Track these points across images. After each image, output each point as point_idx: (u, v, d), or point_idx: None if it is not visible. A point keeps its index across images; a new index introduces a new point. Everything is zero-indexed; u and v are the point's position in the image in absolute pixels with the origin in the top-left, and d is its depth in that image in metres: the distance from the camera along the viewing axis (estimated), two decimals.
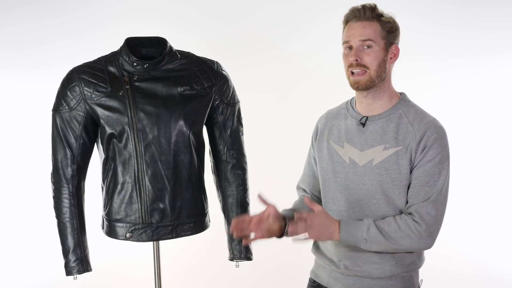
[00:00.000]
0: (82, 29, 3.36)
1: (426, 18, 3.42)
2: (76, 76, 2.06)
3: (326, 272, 1.87)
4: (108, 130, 2.05)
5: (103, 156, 2.11)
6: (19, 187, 3.43)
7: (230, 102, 2.18)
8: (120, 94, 2.04)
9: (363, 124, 1.78)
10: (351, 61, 1.71)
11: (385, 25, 1.72)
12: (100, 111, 2.04)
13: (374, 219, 1.70)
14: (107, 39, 2.97)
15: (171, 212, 2.09)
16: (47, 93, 2.64)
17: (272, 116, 3.46)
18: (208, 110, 2.14)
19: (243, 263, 2.27)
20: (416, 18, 3.38)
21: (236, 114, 2.20)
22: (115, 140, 2.06)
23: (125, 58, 2.07)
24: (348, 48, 1.74)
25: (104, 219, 2.14)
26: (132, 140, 2.04)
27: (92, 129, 2.09)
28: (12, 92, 3.40)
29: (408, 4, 3.39)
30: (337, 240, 1.70)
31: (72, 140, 2.07)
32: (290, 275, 3.25)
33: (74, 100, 2.05)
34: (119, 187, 2.08)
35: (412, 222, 1.67)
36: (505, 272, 3.47)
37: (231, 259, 2.25)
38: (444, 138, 1.72)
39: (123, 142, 2.05)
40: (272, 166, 3.41)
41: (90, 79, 2.05)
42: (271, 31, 3.44)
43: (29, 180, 3.40)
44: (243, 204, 2.22)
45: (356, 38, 1.71)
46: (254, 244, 2.27)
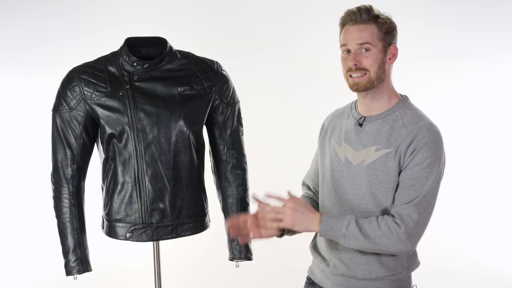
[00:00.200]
0: (82, 29, 3.36)
1: (426, 18, 3.42)
2: (76, 76, 2.06)
3: (319, 269, 1.89)
4: (108, 130, 2.05)
5: (103, 156, 2.11)
6: (19, 187, 3.43)
7: (230, 102, 2.18)
8: (120, 94, 2.04)
9: (361, 124, 1.78)
10: (350, 65, 1.71)
11: (382, 26, 1.70)
12: (100, 111, 2.04)
13: (359, 217, 1.68)
14: (107, 39, 2.97)
15: (171, 212, 2.09)
16: (47, 93, 2.64)
17: (272, 115, 3.46)
18: (208, 110, 2.14)
19: (243, 263, 2.27)
20: (416, 18, 3.38)
21: (236, 114, 2.20)
22: (115, 140, 2.06)
23: (125, 58, 2.07)
24: (346, 52, 1.73)
25: (104, 219, 2.14)
26: (132, 140, 2.04)
27: (92, 129, 2.09)
28: (12, 92, 3.39)
29: (408, 4, 3.39)
30: (317, 232, 1.70)
31: (72, 140, 2.07)
32: (290, 275, 3.24)
33: (74, 100, 2.05)
34: (119, 187, 2.08)
35: (392, 223, 1.63)
36: (505, 272, 3.47)
37: (231, 259, 2.25)
38: (436, 143, 1.67)
39: (123, 142, 2.05)
40: (272, 166, 3.41)
41: (90, 79, 2.05)
42: (271, 31, 3.44)
43: (29, 180, 3.40)
44: (243, 204, 2.22)
45: (354, 42, 1.70)
46: (255, 244, 2.28)
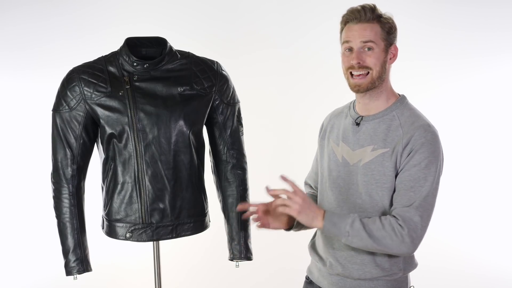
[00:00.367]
0: (82, 29, 3.36)
1: (427, 18, 3.42)
2: (76, 76, 2.06)
3: (316, 269, 1.90)
4: (108, 130, 2.05)
5: (103, 156, 2.10)
6: (19, 187, 3.43)
7: (230, 102, 2.18)
8: (120, 94, 2.04)
9: (358, 124, 1.78)
10: (353, 63, 1.69)
11: (384, 26, 1.70)
12: (100, 111, 2.04)
13: (360, 217, 1.68)
14: (107, 39, 2.97)
15: (171, 212, 2.09)
16: (47, 93, 2.64)
17: (272, 115, 3.46)
18: (208, 110, 2.14)
19: (243, 263, 2.27)
20: (416, 18, 3.38)
21: (236, 114, 2.20)
22: (115, 140, 2.06)
23: (125, 58, 2.07)
24: (348, 50, 1.72)
25: (104, 219, 2.14)
26: (132, 140, 2.04)
27: (92, 129, 2.09)
28: (12, 92, 3.39)
29: (408, 4, 3.39)
30: (319, 228, 1.68)
31: (72, 140, 2.07)
32: (290, 276, 3.24)
33: (74, 100, 2.05)
34: (119, 187, 2.08)
35: (396, 225, 1.63)
36: (505, 272, 3.47)
37: (231, 259, 2.25)
38: (434, 143, 1.66)
39: (123, 142, 2.05)
40: (272, 166, 3.41)
41: (90, 79, 2.05)
42: (271, 31, 3.44)
43: (29, 180, 3.40)
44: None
45: (357, 40, 1.69)
46: (255, 244, 2.28)
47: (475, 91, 3.48)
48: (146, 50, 2.15)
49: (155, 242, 2.22)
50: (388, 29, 1.71)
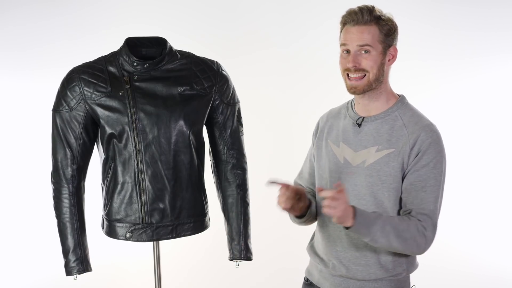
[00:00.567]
0: (82, 29, 3.36)
1: (426, 18, 3.42)
2: (76, 76, 2.06)
3: (317, 270, 1.88)
4: (108, 130, 2.05)
5: (103, 156, 2.11)
6: (19, 187, 3.43)
7: (230, 102, 2.18)
8: (120, 94, 2.04)
9: (359, 125, 1.77)
10: (349, 66, 1.69)
11: (383, 28, 1.68)
12: (100, 111, 2.04)
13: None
14: (107, 39, 2.97)
15: (171, 212, 2.09)
16: (47, 93, 2.64)
17: (272, 115, 3.46)
18: (208, 110, 2.14)
19: (243, 263, 2.27)
20: (416, 18, 3.38)
21: (236, 114, 2.20)
22: (115, 140, 2.06)
23: (125, 58, 2.07)
24: (345, 52, 1.72)
25: (104, 219, 2.14)
26: (132, 140, 2.04)
27: (92, 129, 2.09)
28: (12, 92, 3.39)
29: (408, 4, 3.39)
30: (344, 227, 1.61)
31: (72, 140, 2.07)
32: (290, 276, 3.24)
33: (74, 100, 2.05)
34: (119, 187, 2.08)
35: (420, 226, 1.65)
36: (505, 272, 3.47)
37: (231, 259, 2.25)
38: (439, 143, 1.69)
39: (123, 142, 2.05)
40: (272, 166, 3.41)
41: (90, 79, 2.05)
42: (271, 30, 3.44)
43: (29, 180, 3.40)
44: (243, 204, 2.22)
45: (354, 43, 1.69)
46: (255, 245, 2.28)
47: (475, 91, 3.48)
48: (146, 50, 2.15)
49: (155, 242, 2.22)
50: (386, 31, 1.69)
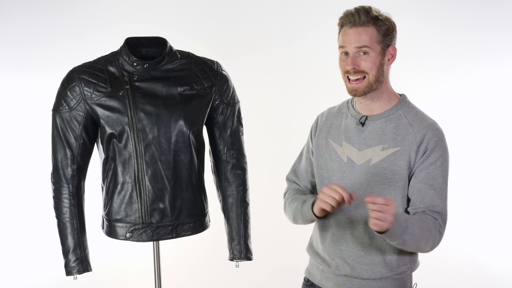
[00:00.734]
0: (82, 29, 3.36)
1: (427, 18, 3.42)
2: (76, 76, 2.06)
3: (318, 271, 1.88)
4: (108, 130, 2.05)
5: (103, 156, 2.11)
6: (19, 187, 3.43)
7: (230, 102, 2.18)
8: (120, 94, 2.04)
9: (363, 124, 1.77)
10: (349, 69, 1.69)
11: (381, 28, 1.68)
12: (100, 111, 2.04)
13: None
14: (107, 39, 2.97)
15: (171, 212, 2.09)
16: (47, 93, 2.64)
17: (272, 115, 3.46)
18: (208, 110, 2.14)
19: (243, 263, 2.27)
20: (416, 18, 3.38)
21: (236, 114, 2.20)
22: (115, 140, 2.06)
23: (125, 58, 2.07)
24: (344, 54, 1.72)
25: (104, 219, 2.14)
26: (132, 140, 2.04)
27: (92, 129, 2.09)
28: (12, 92, 3.39)
29: (408, 4, 3.39)
30: (382, 231, 1.57)
31: (72, 140, 2.07)
32: (290, 276, 3.24)
33: (74, 100, 2.05)
34: (119, 187, 2.08)
35: (437, 224, 1.68)
36: (505, 272, 3.47)
37: (231, 259, 2.25)
38: (444, 141, 1.73)
39: (123, 142, 2.05)
40: (272, 166, 3.41)
41: (90, 79, 2.05)
42: (271, 30, 3.44)
43: (29, 180, 3.40)
44: (243, 204, 2.22)
45: (352, 45, 1.68)
46: (255, 244, 2.28)
47: (474, 91, 3.48)
48: (146, 50, 2.15)
49: (155, 242, 2.22)
50: (384, 31, 1.69)
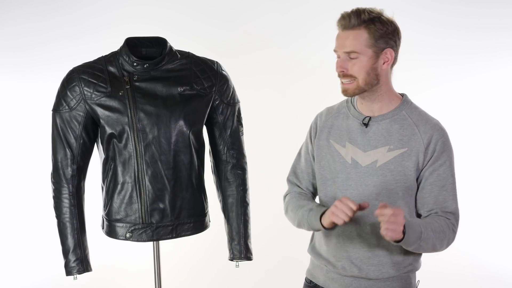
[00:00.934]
0: (82, 29, 3.36)
1: (427, 18, 3.42)
2: (76, 76, 2.06)
3: (322, 272, 1.86)
4: (108, 130, 2.05)
5: (103, 156, 2.11)
6: (19, 187, 3.43)
7: (230, 102, 2.18)
8: (120, 94, 2.04)
9: (366, 125, 1.76)
10: (337, 72, 1.71)
11: (373, 31, 1.65)
12: (100, 111, 2.04)
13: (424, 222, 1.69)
14: (107, 39, 2.97)
15: (171, 212, 2.09)
16: (47, 93, 2.64)
17: (272, 115, 3.46)
18: (208, 110, 2.14)
19: (243, 263, 2.27)
20: (416, 18, 3.38)
21: (236, 114, 2.20)
22: (115, 140, 2.06)
23: (125, 58, 2.07)
24: (338, 56, 1.72)
25: (104, 219, 2.14)
26: (132, 140, 2.04)
27: (92, 129, 2.09)
28: (12, 92, 3.39)
29: (408, 4, 3.39)
30: (394, 242, 1.60)
31: (72, 140, 2.07)
32: (290, 276, 3.24)
33: (74, 100, 2.05)
34: (119, 187, 2.08)
35: (451, 225, 1.71)
36: (505, 272, 3.47)
37: (231, 259, 2.25)
38: (449, 140, 1.75)
39: (123, 142, 2.05)
40: (272, 166, 3.41)
41: (90, 79, 2.05)
42: (271, 30, 3.43)
43: (29, 180, 3.40)
44: (243, 204, 2.22)
45: (341, 49, 1.69)
46: (254, 244, 2.28)
47: (474, 91, 3.48)
48: (146, 50, 2.15)
49: (155, 242, 2.22)
50: (378, 34, 1.65)
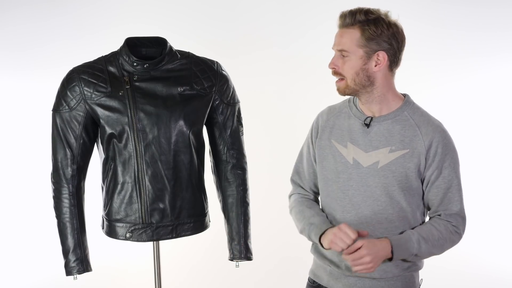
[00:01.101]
0: (82, 29, 3.36)
1: (427, 18, 3.42)
2: (76, 76, 2.06)
3: (326, 272, 1.86)
4: (108, 130, 2.05)
5: (103, 156, 2.11)
6: (19, 187, 3.43)
7: (230, 102, 2.18)
8: (120, 94, 2.04)
9: (368, 125, 1.75)
10: (329, 68, 1.74)
11: (366, 32, 1.65)
12: (100, 111, 2.04)
13: (416, 230, 1.72)
14: (107, 39, 2.97)
15: (171, 212, 2.09)
16: (47, 93, 2.64)
17: (271, 115, 3.46)
18: (208, 110, 2.14)
19: (243, 263, 2.27)
20: (416, 18, 3.38)
21: (236, 114, 2.20)
22: (115, 140, 2.06)
23: (125, 58, 2.07)
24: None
25: (104, 219, 2.14)
26: (132, 140, 2.04)
27: (92, 129, 2.09)
28: (12, 92, 3.39)
29: (408, 4, 3.39)
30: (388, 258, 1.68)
31: (72, 140, 2.07)
32: (290, 275, 3.25)
33: (74, 100, 2.05)
34: (119, 187, 2.08)
35: (451, 227, 1.73)
36: (505, 272, 3.47)
37: (231, 259, 2.24)
38: (452, 142, 1.74)
39: (123, 142, 2.05)
40: (272, 166, 3.41)
41: (90, 79, 2.05)
42: (271, 30, 3.43)
43: (29, 180, 3.40)
44: (243, 204, 2.22)
45: (335, 47, 1.72)
46: (254, 244, 2.28)
47: (474, 91, 3.48)
48: (146, 50, 2.15)
49: (155, 242, 2.22)
50: (370, 35, 1.65)
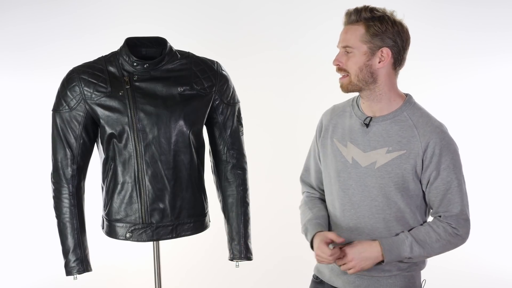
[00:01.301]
0: (82, 29, 3.36)
1: (427, 18, 3.42)
2: (76, 76, 2.06)
3: (328, 268, 1.88)
4: (108, 130, 2.05)
5: (103, 156, 2.11)
6: (19, 187, 3.43)
7: (230, 102, 2.18)
8: (120, 94, 2.04)
9: (367, 125, 1.76)
10: (334, 65, 1.75)
11: (371, 28, 1.67)
12: (100, 111, 2.04)
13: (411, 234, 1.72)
14: (107, 39, 2.97)
15: (171, 212, 2.09)
16: (47, 93, 2.64)
17: (272, 115, 3.46)
18: (208, 110, 2.14)
19: (243, 263, 2.26)
20: (416, 18, 3.37)
21: (236, 114, 2.20)
22: (115, 140, 2.06)
23: (125, 58, 2.07)
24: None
25: (104, 219, 2.14)
26: (132, 140, 2.04)
27: (92, 129, 2.09)
28: (12, 92, 3.39)
29: (408, 4, 3.39)
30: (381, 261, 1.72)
31: (72, 140, 2.07)
32: (290, 275, 3.25)
33: (74, 100, 2.05)
34: (119, 187, 2.08)
35: (450, 228, 1.72)
36: (505, 272, 3.47)
37: (231, 259, 2.24)
38: (452, 143, 1.72)
39: (123, 142, 2.05)
40: (272, 166, 3.41)
41: (90, 79, 2.05)
42: (271, 31, 3.44)
43: (29, 180, 3.40)
44: (243, 204, 2.22)
45: (339, 44, 1.73)
46: (254, 244, 2.28)
47: (474, 91, 3.48)
48: (146, 50, 2.15)
49: (155, 242, 2.22)
50: (375, 31, 1.66)
